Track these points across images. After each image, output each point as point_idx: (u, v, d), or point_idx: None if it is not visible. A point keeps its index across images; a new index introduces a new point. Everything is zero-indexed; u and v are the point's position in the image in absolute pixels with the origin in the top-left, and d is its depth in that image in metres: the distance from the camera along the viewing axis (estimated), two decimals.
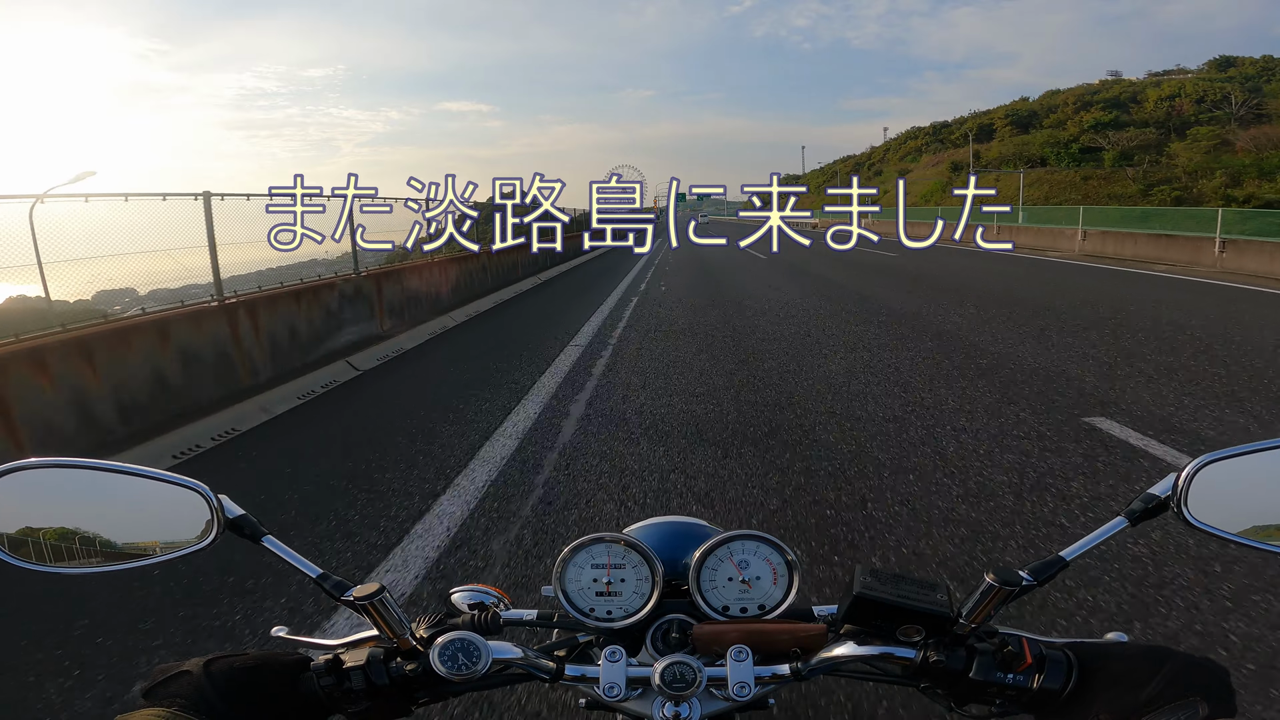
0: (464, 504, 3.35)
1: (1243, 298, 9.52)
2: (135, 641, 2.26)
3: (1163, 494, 0.59)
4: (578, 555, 0.72)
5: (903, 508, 3.13)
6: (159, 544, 0.61)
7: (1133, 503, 0.61)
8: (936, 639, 0.61)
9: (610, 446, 4.09)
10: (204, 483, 0.60)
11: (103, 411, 4.25)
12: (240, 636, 2.19)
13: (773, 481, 3.50)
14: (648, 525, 0.84)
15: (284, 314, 6.22)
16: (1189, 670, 0.52)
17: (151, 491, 0.61)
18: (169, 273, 5.76)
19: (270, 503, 3.47)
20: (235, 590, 2.51)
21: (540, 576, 2.62)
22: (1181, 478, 0.58)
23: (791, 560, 0.71)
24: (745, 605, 0.70)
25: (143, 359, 4.63)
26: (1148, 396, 4.71)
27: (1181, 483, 0.58)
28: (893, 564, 2.65)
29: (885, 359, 6.22)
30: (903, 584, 0.62)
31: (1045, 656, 0.58)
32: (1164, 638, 2.12)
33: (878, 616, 0.61)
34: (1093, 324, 7.60)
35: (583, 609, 0.71)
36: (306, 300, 6.58)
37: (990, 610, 0.59)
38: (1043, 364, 5.79)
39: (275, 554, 0.63)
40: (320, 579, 0.63)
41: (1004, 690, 0.59)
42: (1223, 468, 0.57)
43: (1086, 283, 11.90)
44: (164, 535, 0.60)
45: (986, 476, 3.45)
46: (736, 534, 0.72)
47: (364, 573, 2.68)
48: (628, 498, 3.39)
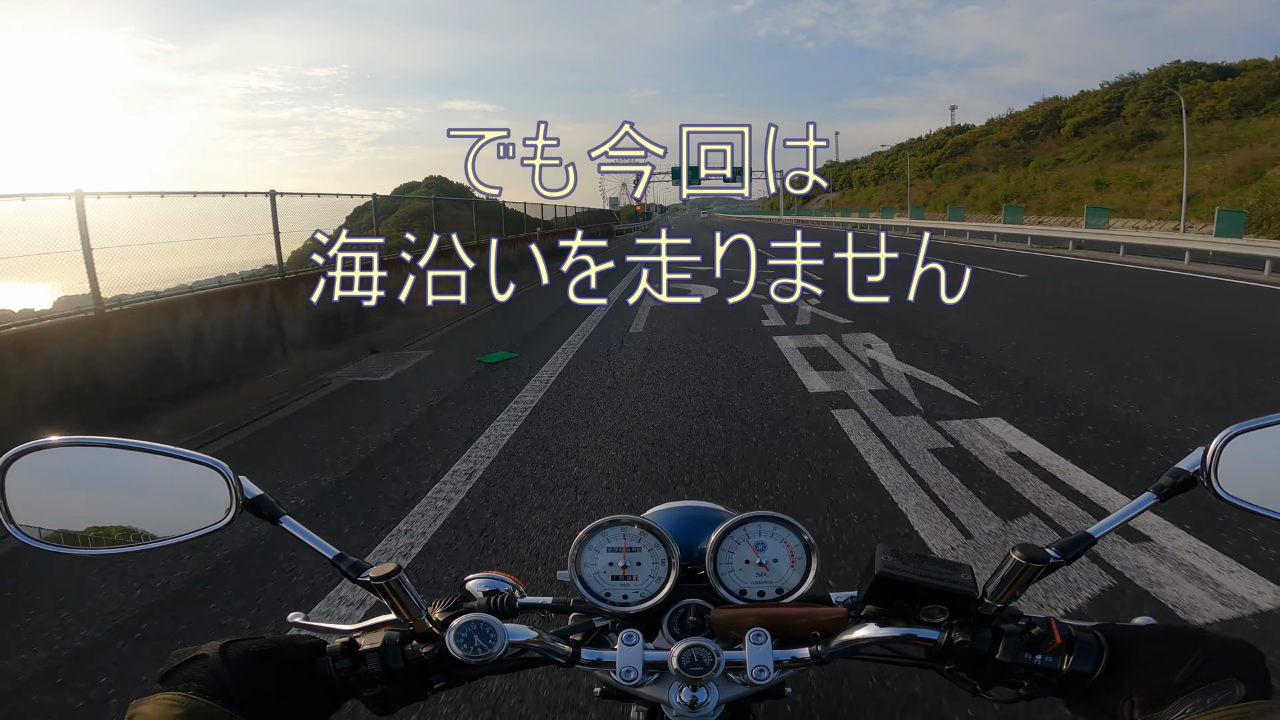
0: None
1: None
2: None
3: (1191, 468, 0.58)
4: (593, 539, 0.71)
5: None
6: (177, 523, 0.61)
7: (1161, 477, 0.60)
8: (961, 620, 0.60)
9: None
10: (224, 461, 0.60)
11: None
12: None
13: None
14: (663, 510, 0.83)
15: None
16: (1223, 652, 0.51)
17: (170, 470, 0.61)
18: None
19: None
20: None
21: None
22: (1210, 451, 0.57)
23: (809, 541, 0.70)
24: (763, 589, 0.70)
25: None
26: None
27: (1210, 456, 0.57)
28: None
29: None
30: (925, 563, 0.61)
31: (1075, 638, 0.57)
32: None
33: (900, 596, 0.60)
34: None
35: (599, 593, 0.71)
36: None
37: (1016, 590, 0.58)
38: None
39: (292, 534, 0.63)
40: (337, 560, 0.63)
41: (1031, 672, 0.58)
42: (1250, 439, 0.56)
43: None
44: (182, 513, 0.61)
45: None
46: (752, 515, 0.71)
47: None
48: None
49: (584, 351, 6.73)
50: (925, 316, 7.30)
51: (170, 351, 5.65)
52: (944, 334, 6.66)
